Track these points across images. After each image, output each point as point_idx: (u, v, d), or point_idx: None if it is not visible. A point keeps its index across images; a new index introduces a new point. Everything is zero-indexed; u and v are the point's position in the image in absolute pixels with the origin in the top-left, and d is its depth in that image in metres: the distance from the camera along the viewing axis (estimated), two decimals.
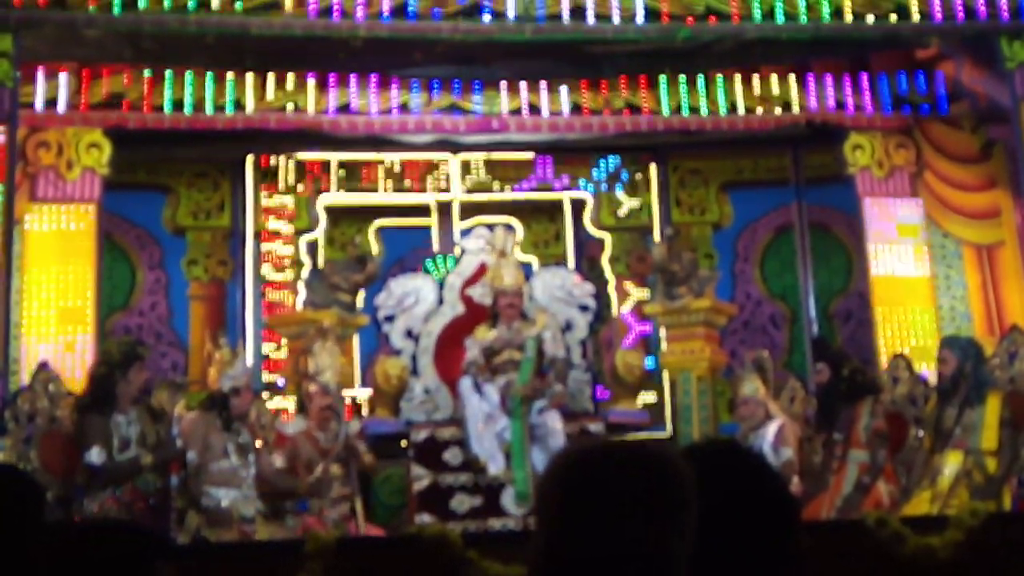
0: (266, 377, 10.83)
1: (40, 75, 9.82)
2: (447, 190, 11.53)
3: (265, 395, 10.15)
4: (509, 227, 10.63)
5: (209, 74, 10.12)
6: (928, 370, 9.23)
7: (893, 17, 9.74)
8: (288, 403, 10.08)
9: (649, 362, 10.68)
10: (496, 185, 11.65)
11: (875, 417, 8.29)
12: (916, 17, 9.73)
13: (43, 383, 8.06)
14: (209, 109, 10.13)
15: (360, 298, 10.21)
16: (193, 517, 7.60)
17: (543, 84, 10.59)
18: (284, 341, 10.61)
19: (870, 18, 9.73)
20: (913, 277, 10.67)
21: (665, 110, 10.61)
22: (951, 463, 7.93)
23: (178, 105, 10.07)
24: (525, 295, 9.27)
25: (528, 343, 8.89)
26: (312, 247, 11.37)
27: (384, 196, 11.50)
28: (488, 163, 11.57)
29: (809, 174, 11.59)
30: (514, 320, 9.05)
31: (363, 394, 10.36)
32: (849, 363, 8.63)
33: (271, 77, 10.23)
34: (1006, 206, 10.42)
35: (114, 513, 7.34)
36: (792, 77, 10.69)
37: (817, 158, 11.43)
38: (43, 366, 8.30)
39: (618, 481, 1.78)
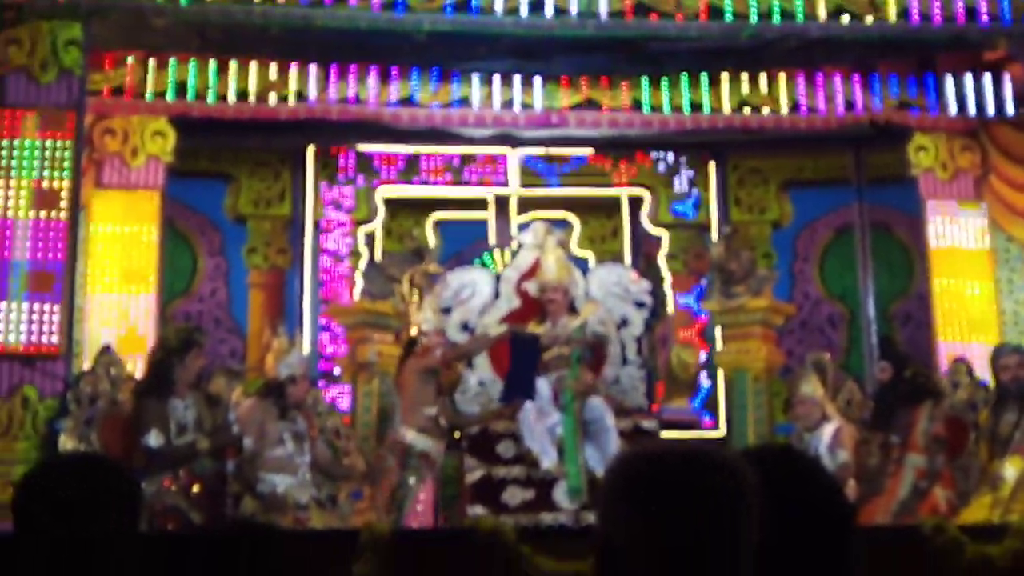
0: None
1: (108, 63, 9.95)
2: (506, 184, 11.55)
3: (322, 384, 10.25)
4: (560, 223, 10.63)
5: (273, 65, 10.20)
6: (985, 345, 9.20)
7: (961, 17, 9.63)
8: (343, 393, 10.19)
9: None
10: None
11: (934, 421, 8.22)
12: (984, 19, 9.60)
13: (105, 366, 8.20)
14: (272, 99, 10.21)
15: None
16: (248, 502, 7.69)
17: (604, 80, 10.57)
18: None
19: (937, 19, 9.61)
20: (973, 250, 10.57)
21: (726, 108, 10.55)
22: (1012, 469, 7.84)
23: (242, 95, 10.16)
24: (576, 290, 9.24)
25: (573, 335, 8.86)
26: (370, 238, 11.44)
27: (442, 189, 11.55)
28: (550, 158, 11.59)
29: (871, 174, 11.47)
30: (561, 316, 9.04)
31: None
32: (911, 365, 8.56)
33: (334, 69, 10.30)
34: None
35: (170, 497, 7.45)
36: (856, 77, 10.58)
37: (879, 159, 11.31)
38: (106, 349, 8.45)
39: (681, 484, 1.78)
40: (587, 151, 11.57)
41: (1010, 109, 10.50)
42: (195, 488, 7.60)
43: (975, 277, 10.54)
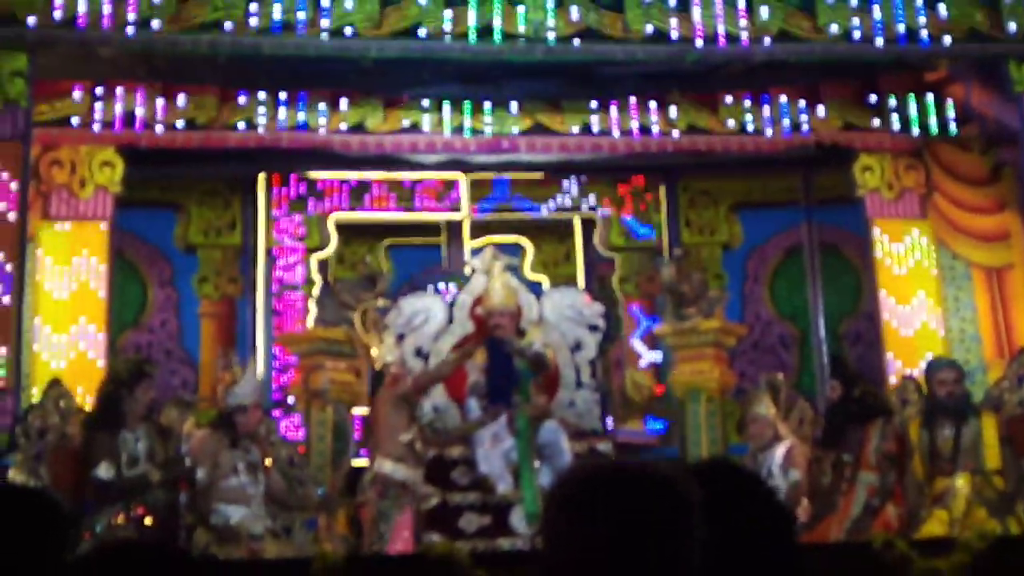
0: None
1: (54, 93, 9.87)
2: (458, 209, 11.57)
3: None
4: (513, 247, 10.64)
5: (222, 93, 10.18)
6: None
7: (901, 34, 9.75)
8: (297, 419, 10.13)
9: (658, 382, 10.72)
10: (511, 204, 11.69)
11: (885, 439, 8.28)
12: (925, 40, 9.75)
13: (54, 400, 8.11)
14: (221, 128, 10.18)
15: None
16: (202, 534, 7.62)
17: (553, 105, 10.63)
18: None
19: (879, 41, 9.74)
20: (919, 268, 10.74)
21: (675, 131, 10.64)
22: (961, 485, 7.92)
23: (191, 124, 10.14)
24: (527, 313, 9.23)
25: (517, 361, 8.84)
26: (323, 265, 11.40)
27: (395, 214, 11.54)
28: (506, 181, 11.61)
29: (819, 195, 11.60)
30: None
31: None
32: (861, 384, 8.63)
33: (283, 96, 10.29)
34: (1015, 228, 10.41)
35: (123, 530, 7.37)
36: (801, 99, 10.70)
37: (827, 179, 11.44)
38: (54, 383, 8.35)
39: (624, 501, 1.79)
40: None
41: (952, 128, 10.67)
42: (147, 521, 7.52)
43: (922, 295, 10.68)
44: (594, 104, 10.62)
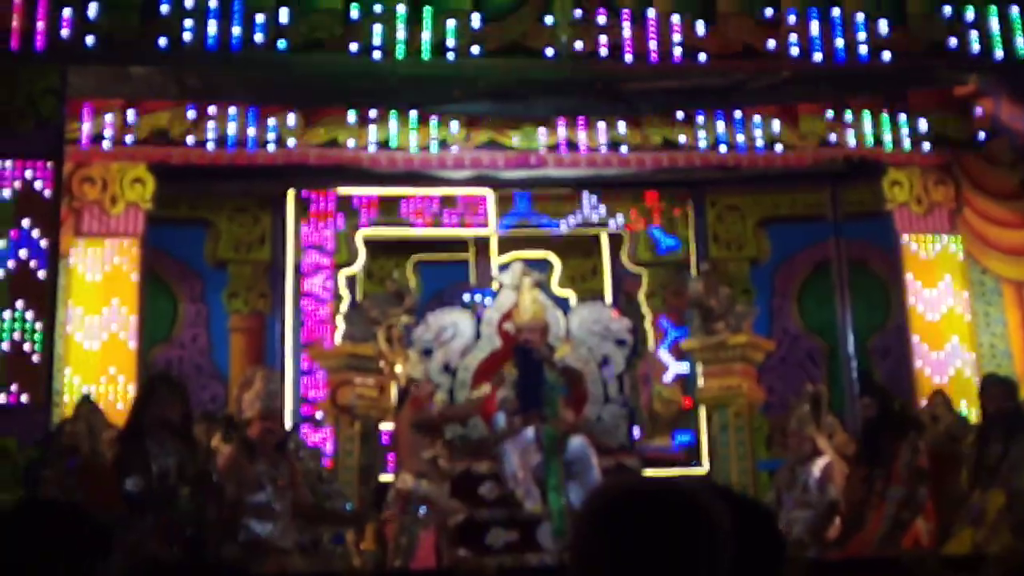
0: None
1: (86, 111, 9.96)
2: (485, 225, 11.59)
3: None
4: (540, 262, 10.66)
5: (252, 110, 10.25)
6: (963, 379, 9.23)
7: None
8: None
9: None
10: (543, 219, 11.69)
11: (917, 454, 8.24)
12: (954, 55, 9.70)
13: (85, 415, 8.16)
14: (251, 145, 10.25)
15: None
16: (230, 549, 7.64)
17: (581, 120, 10.64)
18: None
19: (908, 55, 9.71)
20: (949, 283, 10.69)
21: (703, 146, 10.63)
22: (994, 501, 7.86)
23: (221, 141, 10.21)
24: (555, 329, 9.25)
25: (548, 376, 8.87)
26: (351, 281, 11.44)
27: (423, 230, 11.57)
28: (532, 197, 11.62)
29: (847, 210, 11.53)
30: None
31: None
32: (897, 399, 8.61)
33: (312, 114, 10.34)
34: None
35: (152, 544, 7.39)
36: (830, 113, 10.68)
37: (855, 194, 11.39)
38: (86, 398, 8.42)
39: (653, 520, 1.80)
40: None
41: (982, 143, 10.61)
42: (177, 536, 7.55)
43: (952, 310, 10.62)
44: (622, 119, 10.63)
